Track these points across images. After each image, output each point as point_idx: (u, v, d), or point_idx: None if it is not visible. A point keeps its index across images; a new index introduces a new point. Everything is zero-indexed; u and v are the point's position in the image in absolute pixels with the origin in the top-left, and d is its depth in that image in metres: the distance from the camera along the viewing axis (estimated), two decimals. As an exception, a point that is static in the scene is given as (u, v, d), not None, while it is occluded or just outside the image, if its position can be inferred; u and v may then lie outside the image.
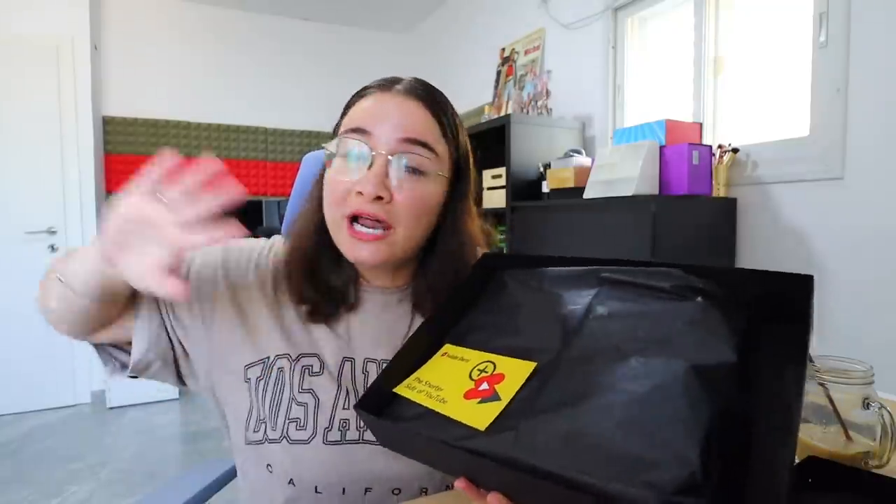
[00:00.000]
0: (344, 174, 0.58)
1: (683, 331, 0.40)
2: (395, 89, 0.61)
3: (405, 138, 0.58)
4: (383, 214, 0.57)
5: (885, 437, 0.59)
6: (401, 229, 0.59)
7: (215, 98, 3.55)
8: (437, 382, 0.47)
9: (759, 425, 0.36)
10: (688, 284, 0.43)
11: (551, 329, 0.47)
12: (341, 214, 0.59)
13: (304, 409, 0.61)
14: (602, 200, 1.71)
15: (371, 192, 0.56)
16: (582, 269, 0.50)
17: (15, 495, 2.06)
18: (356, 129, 0.59)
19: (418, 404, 0.46)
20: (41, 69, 2.89)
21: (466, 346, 0.50)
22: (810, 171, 1.51)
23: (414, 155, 0.59)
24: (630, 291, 0.45)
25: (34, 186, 2.91)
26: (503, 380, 0.44)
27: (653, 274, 0.45)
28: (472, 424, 0.41)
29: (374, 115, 0.59)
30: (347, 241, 0.59)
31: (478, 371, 0.46)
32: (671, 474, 0.32)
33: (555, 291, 0.51)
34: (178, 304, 0.64)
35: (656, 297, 0.43)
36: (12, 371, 2.89)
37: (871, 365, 0.62)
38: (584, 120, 2.36)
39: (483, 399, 0.43)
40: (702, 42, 1.89)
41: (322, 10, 3.66)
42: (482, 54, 3.14)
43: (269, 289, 0.67)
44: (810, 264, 1.52)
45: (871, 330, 1.38)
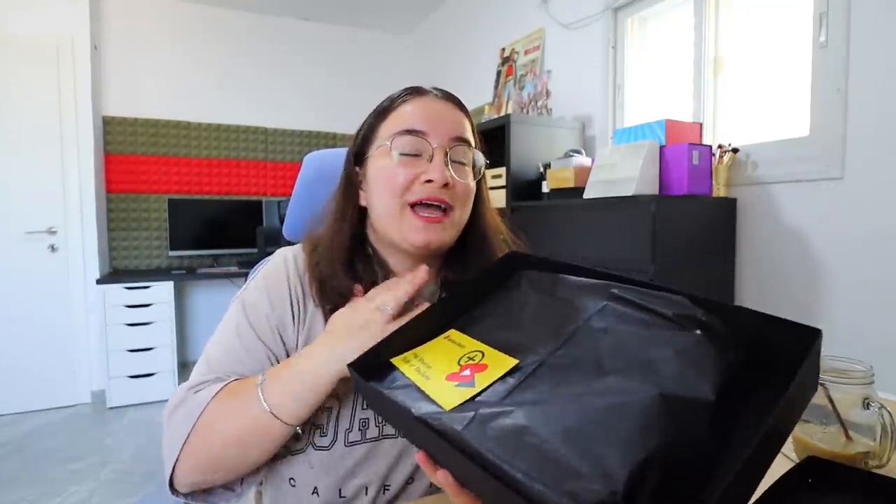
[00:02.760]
0: (407, 166, 0.64)
1: (669, 359, 0.40)
2: (431, 94, 0.69)
3: (454, 136, 0.66)
4: (448, 198, 0.64)
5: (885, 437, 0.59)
6: (457, 212, 0.66)
7: (215, 98, 3.56)
8: (429, 361, 0.50)
9: (729, 464, 0.36)
10: (691, 315, 0.43)
11: (547, 332, 0.48)
12: (404, 202, 0.64)
13: (327, 414, 0.63)
14: (602, 200, 1.71)
15: (441, 179, 0.63)
16: (595, 282, 0.51)
17: (15, 495, 2.06)
18: (411, 131, 0.64)
19: (406, 377, 0.48)
20: (41, 69, 2.89)
21: (468, 334, 0.52)
22: (810, 171, 1.51)
23: (461, 148, 0.67)
24: (633, 311, 0.46)
25: (34, 186, 2.91)
26: (485, 370, 0.46)
27: (660, 298, 0.45)
28: (440, 403, 0.43)
29: (424, 117, 0.65)
30: (413, 226, 0.64)
31: (467, 358, 0.48)
32: (593, 488, 0.32)
33: (564, 298, 0.52)
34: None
35: (657, 323, 0.44)
36: (12, 371, 2.89)
37: (871, 365, 0.63)
38: (584, 120, 2.36)
39: (460, 383, 0.45)
40: (702, 42, 1.89)
41: (322, 10, 3.66)
42: (482, 54, 3.14)
43: (299, 304, 0.67)
44: (810, 264, 1.52)
45: (871, 330, 1.38)
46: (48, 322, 2.97)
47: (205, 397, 0.58)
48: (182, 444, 0.56)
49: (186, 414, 0.57)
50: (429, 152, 0.64)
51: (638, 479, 0.32)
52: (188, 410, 0.58)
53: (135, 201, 3.39)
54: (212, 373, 0.62)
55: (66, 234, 2.98)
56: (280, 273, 0.68)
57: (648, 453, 0.33)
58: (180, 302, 3.43)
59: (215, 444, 0.57)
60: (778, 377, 0.38)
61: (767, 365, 0.41)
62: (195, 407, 0.57)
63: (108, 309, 2.92)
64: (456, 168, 0.65)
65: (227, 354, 0.63)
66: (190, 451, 0.57)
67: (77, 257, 3.02)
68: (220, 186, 3.60)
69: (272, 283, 0.67)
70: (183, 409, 0.58)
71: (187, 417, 0.57)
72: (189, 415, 0.57)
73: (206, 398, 0.57)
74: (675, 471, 0.34)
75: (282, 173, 3.75)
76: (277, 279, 0.68)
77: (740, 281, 1.69)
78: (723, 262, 1.68)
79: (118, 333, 2.94)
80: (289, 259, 0.70)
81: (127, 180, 3.36)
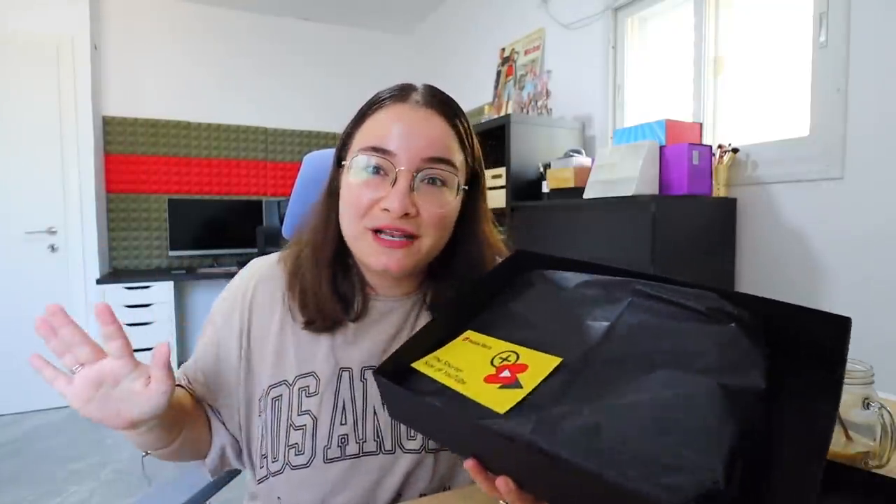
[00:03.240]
0: (368, 189, 0.58)
1: (714, 351, 0.39)
2: (412, 100, 0.61)
3: (428, 157, 0.58)
4: (410, 228, 0.58)
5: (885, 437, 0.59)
6: (426, 240, 0.60)
7: (215, 98, 3.56)
8: (456, 364, 0.47)
9: (783, 452, 0.36)
10: (722, 308, 0.42)
11: (577, 330, 0.46)
12: (364, 227, 0.59)
13: (303, 432, 0.62)
14: (602, 200, 1.70)
15: (398, 209, 0.56)
16: (615, 279, 0.50)
17: (15, 495, 2.06)
18: (377, 148, 0.58)
19: (436, 381, 0.45)
20: (41, 69, 2.89)
21: (490, 334, 0.50)
22: (810, 171, 1.51)
23: (435, 170, 0.59)
24: (663, 307, 0.45)
25: (34, 186, 2.90)
26: (526, 370, 0.44)
27: (687, 294, 0.44)
28: (491, 406, 0.41)
29: (395, 133, 0.58)
30: (373, 250, 0.59)
31: (500, 359, 0.46)
32: (694, 480, 0.32)
33: (585, 294, 0.50)
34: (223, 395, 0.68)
35: (689, 316, 0.43)
36: (12, 371, 2.89)
37: (871, 365, 0.62)
38: (584, 120, 2.36)
39: (504, 385, 0.42)
40: (702, 42, 1.89)
41: (322, 10, 3.66)
42: (482, 54, 3.13)
43: (277, 313, 0.67)
44: (810, 264, 1.52)
45: (871, 330, 1.38)
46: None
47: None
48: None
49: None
50: (392, 175, 0.57)
51: (730, 466, 0.32)
52: None
53: (135, 201, 3.39)
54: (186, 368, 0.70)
55: (66, 234, 2.98)
56: (238, 290, 0.70)
57: (730, 441, 0.33)
58: (180, 302, 3.43)
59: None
60: (813, 367, 0.39)
61: (797, 354, 0.41)
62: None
63: (108, 309, 2.91)
64: (427, 191, 0.58)
65: (194, 360, 0.70)
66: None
67: (77, 257, 3.02)
68: (220, 186, 3.59)
69: (230, 296, 0.70)
70: None
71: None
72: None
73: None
74: (746, 456, 0.34)
75: (282, 173, 3.75)
76: (233, 294, 0.70)
77: (740, 281, 1.69)
78: (723, 262, 1.68)
79: (118, 333, 2.94)
80: (252, 272, 0.71)
81: (127, 180, 3.36)
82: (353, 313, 0.65)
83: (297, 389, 0.63)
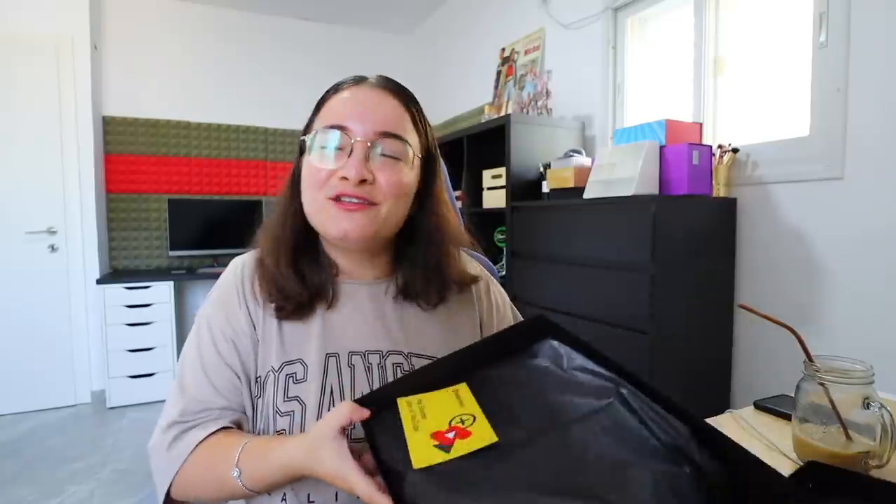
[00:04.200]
0: (325, 162, 0.62)
1: (645, 485, 0.40)
2: (367, 82, 0.66)
3: (380, 132, 0.62)
4: (366, 195, 0.62)
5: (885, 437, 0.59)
6: (384, 207, 0.63)
7: (215, 98, 3.56)
8: (427, 411, 0.51)
9: None
10: (681, 448, 0.42)
11: (546, 413, 0.49)
12: (324, 196, 0.62)
13: (290, 418, 0.62)
14: (602, 200, 1.71)
15: (355, 176, 0.60)
16: (609, 376, 0.51)
17: (15, 495, 2.06)
18: (334, 126, 0.62)
19: (398, 420, 0.50)
20: (41, 69, 2.89)
21: (475, 393, 0.53)
22: (810, 171, 1.51)
23: (389, 143, 0.63)
24: (634, 424, 0.46)
25: (34, 186, 2.91)
26: (467, 437, 0.47)
27: (663, 420, 0.44)
28: (412, 457, 0.46)
29: (350, 111, 0.63)
30: (333, 216, 0.62)
31: (458, 419, 0.49)
32: None
33: (575, 382, 0.52)
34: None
35: (652, 442, 0.44)
36: (12, 371, 2.89)
37: (871, 365, 0.62)
38: (584, 120, 2.36)
39: (439, 444, 0.47)
40: (702, 42, 1.89)
41: (322, 10, 3.66)
42: (482, 54, 3.14)
43: (252, 308, 0.67)
44: (810, 264, 1.52)
45: (871, 330, 1.38)
46: (48, 322, 2.97)
47: (182, 453, 0.61)
48: (166, 491, 0.62)
49: (169, 462, 0.61)
50: (348, 147, 0.61)
51: None
52: (173, 457, 0.61)
53: (135, 201, 3.39)
54: (185, 401, 0.64)
55: (66, 234, 2.98)
56: (229, 283, 0.69)
57: None
58: (180, 302, 3.43)
59: (196, 490, 0.62)
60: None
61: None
62: (176, 456, 0.61)
63: (107, 309, 2.92)
64: (384, 162, 0.62)
65: (196, 380, 0.65)
66: (178, 489, 0.62)
67: (77, 257, 3.02)
68: (220, 186, 3.59)
69: (223, 293, 0.68)
70: (164, 456, 0.62)
71: (171, 463, 0.61)
72: (172, 463, 0.61)
73: (184, 454, 0.61)
74: None
75: (282, 173, 3.75)
76: (227, 289, 0.68)
77: (740, 281, 1.69)
78: (723, 262, 1.68)
79: (118, 333, 2.94)
80: (237, 266, 0.71)
81: (127, 180, 3.36)
82: (326, 301, 0.67)
83: (284, 376, 0.63)
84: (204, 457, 0.60)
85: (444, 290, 0.71)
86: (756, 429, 0.77)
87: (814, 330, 1.50)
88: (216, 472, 0.59)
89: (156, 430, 0.65)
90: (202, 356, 0.66)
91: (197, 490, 0.62)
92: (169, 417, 0.64)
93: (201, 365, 0.66)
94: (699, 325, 1.63)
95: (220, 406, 0.64)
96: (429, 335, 0.70)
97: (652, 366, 1.52)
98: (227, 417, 0.64)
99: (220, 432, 0.62)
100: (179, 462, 0.61)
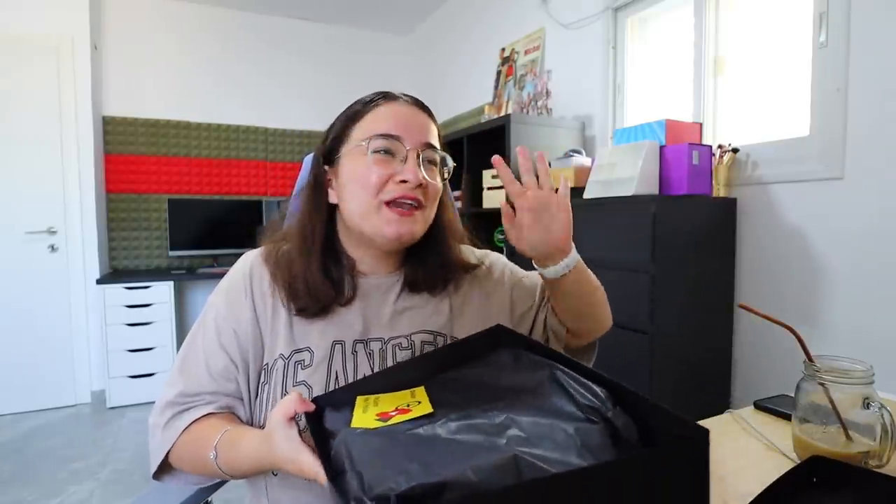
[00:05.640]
0: (382, 166, 0.67)
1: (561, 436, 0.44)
2: (403, 100, 0.72)
3: (425, 142, 0.70)
4: (420, 197, 0.68)
5: (885, 436, 0.59)
6: (428, 210, 0.71)
7: (215, 98, 3.56)
8: (380, 403, 0.55)
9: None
10: (598, 409, 0.46)
11: (484, 394, 0.53)
12: (379, 201, 0.67)
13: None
14: (602, 200, 1.71)
15: (416, 179, 0.67)
16: (543, 360, 0.56)
17: (15, 495, 2.06)
18: (385, 135, 0.68)
19: (351, 412, 0.54)
20: (41, 69, 2.89)
21: (429, 391, 0.56)
22: (810, 171, 1.51)
23: (430, 152, 0.71)
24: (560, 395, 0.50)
25: (34, 186, 2.90)
26: (406, 413, 0.51)
27: (586, 388, 0.49)
28: (351, 423, 0.50)
29: (396, 122, 0.69)
30: (388, 219, 0.67)
31: (406, 405, 0.53)
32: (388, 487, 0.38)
33: (518, 371, 0.57)
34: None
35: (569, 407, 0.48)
36: (12, 371, 2.89)
37: (871, 365, 0.62)
38: (584, 120, 2.36)
39: (379, 418, 0.50)
40: (702, 42, 1.89)
41: (322, 11, 3.66)
42: (482, 54, 3.14)
43: (259, 301, 0.71)
44: (810, 264, 1.52)
45: (871, 330, 1.38)
46: (48, 322, 2.97)
47: (174, 433, 0.66)
48: (159, 463, 0.67)
49: (163, 441, 0.67)
50: (402, 154, 0.68)
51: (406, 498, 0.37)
52: (166, 437, 0.67)
53: (135, 201, 3.39)
54: (182, 383, 0.69)
55: (66, 234, 2.98)
56: (238, 275, 0.73)
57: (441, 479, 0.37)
58: (180, 302, 3.43)
59: (186, 467, 0.67)
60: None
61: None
62: (168, 437, 0.66)
63: (107, 309, 2.92)
64: (427, 169, 0.70)
65: (194, 364, 0.69)
66: (172, 462, 0.68)
67: (77, 257, 3.02)
68: (220, 186, 3.59)
69: (232, 284, 0.72)
70: (159, 436, 0.67)
71: (164, 443, 0.67)
72: (164, 443, 0.67)
73: (176, 434, 0.66)
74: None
75: (282, 173, 3.75)
76: (236, 281, 0.72)
77: (740, 281, 1.70)
78: (723, 262, 1.68)
79: (118, 333, 2.94)
80: (248, 259, 0.75)
81: (127, 180, 3.36)
82: (344, 297, 0.71)
83: (294, 362, 0.67)
84: (192, 437, 0.65)
85: (448, 279, 0.77)
86: (756, 429, 0.77)
87: (814, 330, 1.50)
88: (200, 451, 0.63)
89: (153, 409, 0.69)
90: (204, 340, 0.70)
91: (186, 466, 0.67)
92: (166, 397, 0.68)
93: (202, 349, 0.69)
94: (699, 325, 1.63)
95: (211, 390, 0.68)
96: (436, 320, 0.74)
97: (652, 366, 1.52)
98: (219, 402, 0.68)
99: (211, 416, 0.66)
100: (171, 441, 0.66)
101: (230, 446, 0.61)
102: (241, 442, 0.60)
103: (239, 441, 0.60)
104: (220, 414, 0.67)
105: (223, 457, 0.61)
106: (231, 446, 0.61)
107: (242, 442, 0.60)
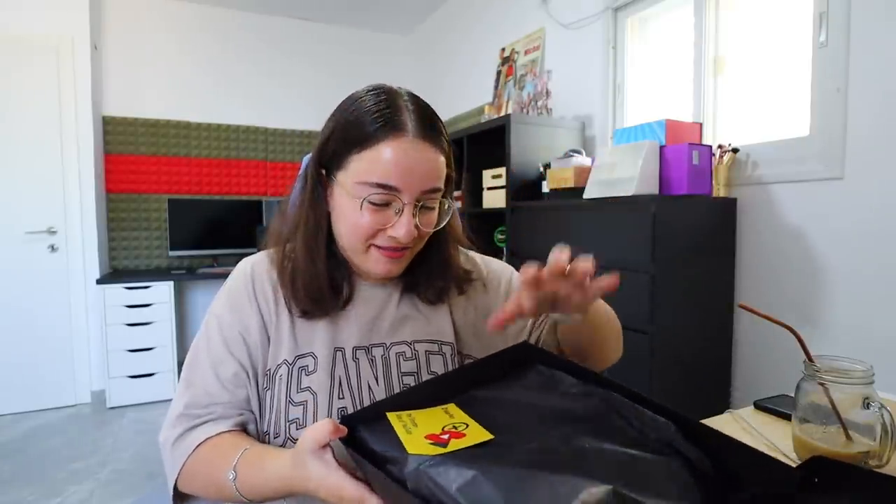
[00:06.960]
0: (373, 217, 0.64)
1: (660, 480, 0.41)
2: (408, 136, 0.63)
3: (427, 189, 0.65)
4: (410, 244, 0.67)
5: (885, 436, 0.59)
6: (417, 246, 0.70)
7: (215, 98, 3.56)
8: (418, 422, 0.52)
9: None
10: (671, 443, 0.44)
11: (538, 421, 0.50)
12: (369, 244, 0.66)
13: (303, 407, 0.65)
14: (602, 200, 1.70)
15: (406, 237, 0.64)
16: (595, 389, 0.53)
17: (15, 495, 2.06)
18: (381, 185, 0.62)
19: (391, 427, 0.51)
20: (41, 69, 2.89)
21: (464, 409, 0.54)
22: (810, 171, 1.51)
23: (431, 198, 0.66)
24: (627, 426, 0.48)
25: (34, 186, 2.90)
26: (462, 437, 0.48)
27: (651, 421, 0.47)
28: (407, 448, 0.46)
29: (400, 170, 0.62)
30: (377, 259, 0.67)
31: (451, 426, 0.50)
32: None
33: (566, 395, 0.54)
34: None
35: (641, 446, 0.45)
36: (12, 371, 2.89)
37: (871, 365, 0.62)
38: (584, 120, 2.36)
39: (434, 442, 0.47)
40: (702, 42, 1.89)
41: (322, 11, 3.66)
42: (482, 54, 3.14)
43: (263, 306, 0.70)
44: (810, 264, 1.52)
45: (871, 330, 1.38)
46: (48, 322, 2.97)
47: (187, 449, 0.63)
48: (174, 481, 0.65)
49: (174, 459, 0.65)
50: (399, 206, 0.63)
51: None
52: (177, 455, 0.64)
53: (135, 201, 3.39)
54: (190, 394, 0.67)
55: (66, 234, 2.98)
56: (239, 282, 0.72)
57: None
58: (180, 302, 3.43)
59: (198, 489, 0.65)
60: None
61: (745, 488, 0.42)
62: (180, 454, 0.64)
63: (107, 309, 2.92)
64: (423, 214, 0.66)
65: (203, 373, 0.68)
66: (182, 485, 0.65)
67: (77, 257, 3.02)
68: (220, 186, 3.59)
69: (234, 292, 0.71)
70: (170, 452, 0.65)
71: (175, 461, 0.64)
72: (176, 460, 0.64)
73: (188, 450, 0.63)
74: None
75: (282, 173, 3.75)
76: (238, 288, 0.71)
77: (740, 281, 1.69)
78: (723, 262, 1.68)
79: (118, 333, 2.94)
80: (247, 265, 0.74)
81: (127, 180, 3.36)
82: (342, 300, 0.71)
83: (297, 368, 0.67)
84: (207, 456, 0.63)
85: (449, 287, 0.76)
86: (756, 429, 0.77)
87: (814, 330, 1.50)
88: (216, 472, 0.60)
89: (164, 424, 0.67)
90: (210, 349, 0.69)
91: (198, 487, 0.64)
92: (176, 410, 0.67)
93: (209, 358, 0.68)
94: (699, 324, 1.63)
95: (224, 400, 0.66)
96: (438, 329, 0.74)
97: (652, 366, 1.52)
98: (233, 417, 0.66)
99: (226, 434, 0.64)
100: (183, 459, 0.63)
101: (251, 466, 0.58)
102: (265, 463, 0.57)
103: (261, 462, 0.57)
104: (236, 432, 0.65)
105: (243, 478, 0.58)
106: (252, 467, 0.58)
107: (266, 463, 0.57)
